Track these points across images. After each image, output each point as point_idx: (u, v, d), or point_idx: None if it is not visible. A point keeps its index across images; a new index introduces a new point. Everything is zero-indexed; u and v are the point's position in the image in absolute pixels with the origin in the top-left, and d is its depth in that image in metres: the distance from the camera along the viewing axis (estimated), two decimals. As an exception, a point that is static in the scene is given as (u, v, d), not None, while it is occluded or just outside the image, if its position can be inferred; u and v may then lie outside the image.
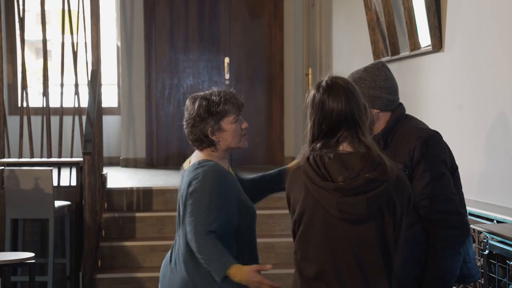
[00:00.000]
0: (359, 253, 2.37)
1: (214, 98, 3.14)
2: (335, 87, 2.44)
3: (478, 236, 3.58)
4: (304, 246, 2.42)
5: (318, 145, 2.44)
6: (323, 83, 2.46)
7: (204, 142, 3.16)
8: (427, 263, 2.85)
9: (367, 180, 2.33)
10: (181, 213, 3.14)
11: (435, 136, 2.92)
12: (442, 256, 2.82)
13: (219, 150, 3.19)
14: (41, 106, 7.06)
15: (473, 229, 3.66)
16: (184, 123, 3.19)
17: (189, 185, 3.08)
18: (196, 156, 3.20)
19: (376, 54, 5.69)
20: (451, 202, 2.85)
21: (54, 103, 7.36)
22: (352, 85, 2.47)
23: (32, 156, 6.87)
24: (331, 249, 2.38)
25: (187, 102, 3.20)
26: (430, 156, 2.86)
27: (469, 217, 3.73)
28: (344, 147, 2.42)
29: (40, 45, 7.24)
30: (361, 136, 2.41)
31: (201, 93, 3.20)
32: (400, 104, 3.04)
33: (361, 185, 2.33)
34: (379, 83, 2.97)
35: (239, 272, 2.96)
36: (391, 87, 2.99)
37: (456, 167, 2.99)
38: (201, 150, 3.19)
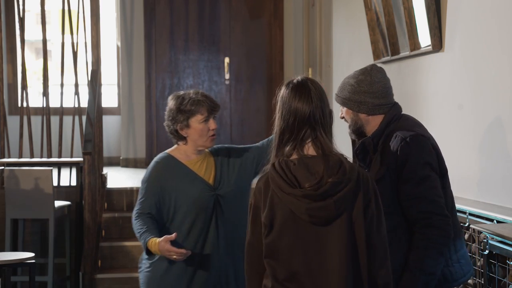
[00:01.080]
0: (329, 253, 2.44)
1: (187, 98, 3.51)
2: (303, 87, 2.54)
3: (478, 236, 3.58)
4: (276, 249, 2.48)
5: (287, 148, 2.52)
6: (294, 81, 2.57)
7: (175, 136, 3.56)
8: (408, 264, 2.83)
9: (332, 184, 2.43)
10: None
11: (418, 138, 2.90)
12: (425, 255, 2.81)
13: (189, 146, 3.55)
14: (41, 106, 7.07)
15: (473, 229, 3.66)
16: (165, 117, 3.59)
17: None
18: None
19: (376, 54, 5.69)
20: (435, 204, 2.85)
21: (54, 103, 7.36)
22: (321, 88, 2.56)
23: (32, 156, 6.87)
24: (303, 251, 2.46)
25: (169, 98, 3.59)
26: (413, 158, 2.87)
27: (469, 217, 3.74)
28: (308, 148, 2.51)
29: (40, 45, 7.24)
30: (320, 137, 2.51)
31: (182, 92, 3.58)
32: (394, 105, 3.04)
33: (327, 190, 2.43)
34: (363, 88, 2.99)
35: (153, 244, 3.33)
36: (377, 91, 3.00)
37: (445, 171, 2.98)
38: (176, 143, 3.59)
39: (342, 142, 2.75)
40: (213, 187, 3.53)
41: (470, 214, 3.74)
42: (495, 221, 3.51)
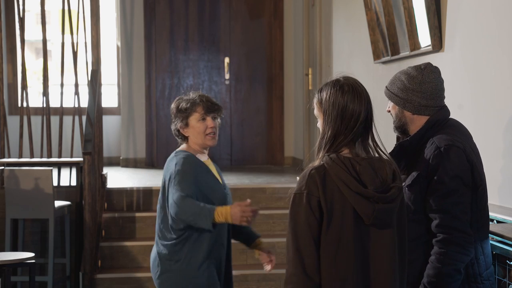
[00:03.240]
0: (381, 255, 2.47)
1: (185, 98, 3.74)
2: (356, 88, 2.50)
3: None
4: (334, 249, 2.43)
5: (338, 146, 2.49)
6: (343, 80, 2.50)
7: (178, 136, 3.76)
8: (424, 277, 2.81)
9: (397, 189, 2.46)
10: (162, 196, 3.68)
11: (453, 149, 2.84)
12: (441, 272, 2.78)
13: (193, 144, 3.72)
14: (41, 106, 7.06)
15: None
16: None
17: (169, 172, 3.62)
18: (179, 148, 3.78)
19: (376, 54, 5.69)
20: (459, 220, 2.80)
21: (54, 103, 7.36)
22: (366, 89, 2.55)
23: (32, 156, 6.87)
24: (360, 254, 2.45)
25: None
26: (444, 169, 2.82)
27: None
28: (359, 148, 2.50)
29: (40, 45, 7.23)
30: (371, 138, 2.52)
31: (184, 95, 3.81)
32: (442, 108, 3.00)
33: (393, 194, 2.45)
34: (412, 86, 2.96)
35: (223, 211, 3.43)
36: (426, 92, 2.95)
37: (479, 184, 2.91)
38: (180, 143, 3.78)
39: (386, 138, 2.74)
40: (223, 186, 3.77)
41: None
42: (495, 221, 3.51)
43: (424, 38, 4.72)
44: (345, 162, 2.43)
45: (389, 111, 3.06)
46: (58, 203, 6.05)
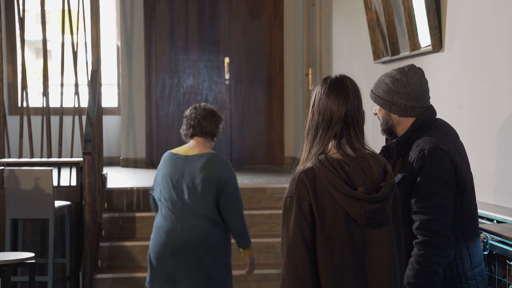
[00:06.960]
0: (378, 255, 2.46)
1: (187, 123, 4.37)
2: (341, 85, 2.51)
3: (478, 236, 3.57)
4: (328, 252, 2.43)
5: (324, 144, 2.50)
6: (332, 78, 2.54)
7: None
8: (405, 277, 2.81)
9: (387, 187, 2.45)
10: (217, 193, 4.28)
11: (437, 152, 2.85)
12: (418, 273, 2.80)
13: None
14: (41, 106, 7.06)
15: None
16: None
17: (227, 173, 4.27)
18: (204, 147, 4.35)
19: (376, 54, 5.69)
20: (438, 223, 2.81)
21: (54, 103, 7.36)
22: (357, 87, 2.55)
23: (32, 156, 6.87)
24: (355, 254, 2.44)
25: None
26: (427, 172, 2.83)
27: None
28: (346, 147, 2.49)
29: (40, 45, 7.23)
30: (356, 136, 2.50)
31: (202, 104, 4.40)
32: (428, 109, 3.01)
33: (384, 193, 2.44)
34: (397, 88, 2.97)
35: (250, 250, 4.43)
36: (411, 93, 2.96)
37: (465, 186, 2.93)
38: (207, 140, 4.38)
39: (375, 140, 2.73)
40: None
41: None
42: (495, 221, 3.51)
43: (424, 38, 4.72)
44: (334, 164, 2.44)
45: (376, 114, 3.08)
46: (58, 203, 6.05)
